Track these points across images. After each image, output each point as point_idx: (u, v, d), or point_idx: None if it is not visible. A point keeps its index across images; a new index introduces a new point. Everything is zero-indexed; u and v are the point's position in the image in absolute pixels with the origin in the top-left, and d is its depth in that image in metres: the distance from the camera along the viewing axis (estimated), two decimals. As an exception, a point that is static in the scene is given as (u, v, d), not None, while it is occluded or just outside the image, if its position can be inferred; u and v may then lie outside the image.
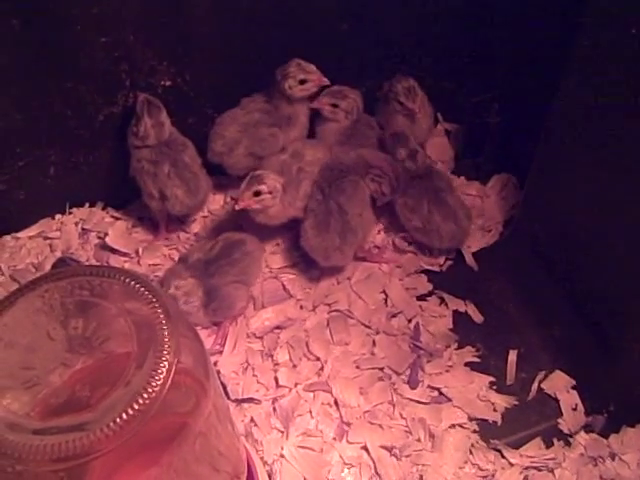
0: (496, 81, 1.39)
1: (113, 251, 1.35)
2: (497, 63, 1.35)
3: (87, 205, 1.42)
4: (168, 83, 1.30)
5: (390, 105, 1.39)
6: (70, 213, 1.41)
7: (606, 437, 1.11)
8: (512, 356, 1.21)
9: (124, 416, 0.59)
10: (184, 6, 1.21)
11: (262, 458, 1.09)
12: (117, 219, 1.41)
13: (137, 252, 1.35)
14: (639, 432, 1.10)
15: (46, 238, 1.38)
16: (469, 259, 1.35)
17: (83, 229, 1.39)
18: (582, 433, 1.12)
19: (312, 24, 1.30)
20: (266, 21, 1.27)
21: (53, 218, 1.40)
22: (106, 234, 1.36)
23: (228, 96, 1.34)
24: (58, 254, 1.34)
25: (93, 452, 0.58)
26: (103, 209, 1.43)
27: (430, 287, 1.31)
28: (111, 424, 0.58)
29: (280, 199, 1.25)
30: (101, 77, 1.24)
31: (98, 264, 1.31)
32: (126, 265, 1.33)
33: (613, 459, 1.08)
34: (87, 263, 1.31)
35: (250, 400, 1.16)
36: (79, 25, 1.15)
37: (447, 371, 1.19)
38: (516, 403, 1.16)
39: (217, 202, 1.42)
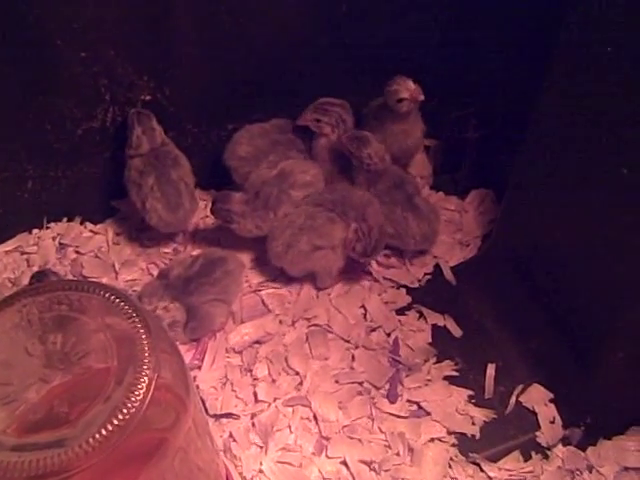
0: (474, 97, 1.40)
1: (91, 266, 1.34)
2: (476, 79, 1.36)
3: (65, 220, 1.41)
4: (148, 97, 1.30)
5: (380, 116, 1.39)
6: (48, 228, 1.40)
7: (583, 450, 1.11)
8: (490, 370, 1.21)
9: (103, 432, 0.58)
10: (164, 21, 1.22)
11: (241, 474, 1.08)
12: (95, 234, 1.40)
13: (114, 267, 1.34)
14: (616, 444, 1.11)
15: (23, 253, 1.37)
16: (447, 274, 1.36)
17: (61, 244, 1.38)
18: (560, 446, 1.12)
19: (294, 39, 1.31)
20: (247, 37, 1.28)
21: (30, 232, 1.39)
22: (84, 249, 1.36)
23: (208, 111, 1.35)
24: (35, 269, 1.32)
25: (72, 468, 0.57)
26: (81, 224, 1.42)
27: (409, 301, 1.31)
28: (90, 440, 0.58)
29: (248, 218, 1.28)
30: (80, 91, 1.24)
31: (76, 279, 1.31)
32: (104, 280, 1.33)
33: (590, 471, 1.09)
34: (65, 278, 1.30)
35: (229, 415, 1.15)
36: (59, 40, 1.15)
37: (426, 385, 1.19)
38: (495, 416, 1.16)
39: (197, 216, 1.42)
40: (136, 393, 0.61)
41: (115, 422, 0.59)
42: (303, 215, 1.27)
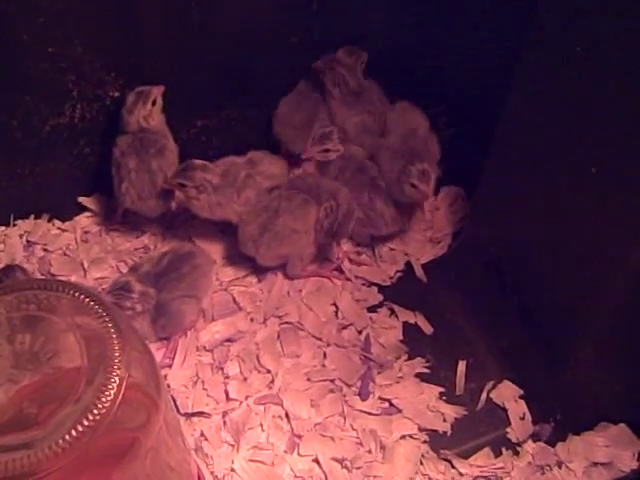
0: (445, 95, 1.41)
1: (59, 264, 1.32)
2: (446, 77, 1.37)
3: (32, 217, 1.39)
4: (116, 94, 1.28)
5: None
6: (14, 225, 1.38)
7: (553, 445, 1.12)
8: (461, 367, 1.22)
9: (73, 433, 0.58)
10: (133, 18, 1.20)
11: (212, 472, 1.08)
12: (63, 231, 1.39)
13: (83, 265, 1.33)
14: (585, 440, 1.12)
15: (-11, 250, 1.35)
16: (418, 271, 1.36)
17: (28, 241, 1.36)
18: (530, 442, 1.13)
19: (263, 34, 1.31)
20: (215, 33, 1.27)
21: (-3, 230, 1.37)
22: (52, 247, 1.34)
23: (176, 108, 1.33)
24: (1, 267, 1.30)
25: (41, 471, 0.57)
26: (49, 221, 1.40)
27: (380, 299, 1.31)
28: (60, 441, 0.57)
29: (210, 197, 1.27)
30: (48, 88, 1.22)
31: (44, 277, 1.29)
32: (72, 278, 1.31)
33: (560, 467, 1.10)
34: (33, 274, 1.29)
35: (200, 414, 1.14)
36: (25, 35, 1.14)
37: (397, 382, 1.20)
38: (465, 413, 1.17)
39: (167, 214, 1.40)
40: (107, 393, 0.60)
41: (85, 423, 0.58)
42: (278, 198, 1.27)
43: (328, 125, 1.36)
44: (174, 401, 1.14)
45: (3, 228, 1.38)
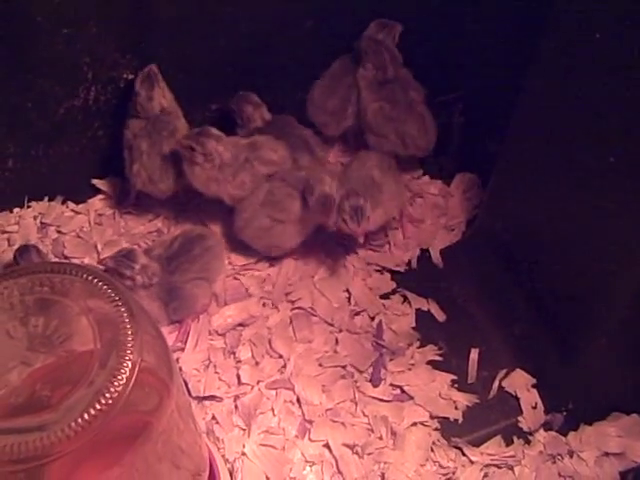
0: (461, 81, 1.40)
1: (72, 246, 1.33)
2: (462, 62, 1.36)
3: (46, 199, 1.40)
4: (131, 77, 1.28)
5: None
6: (29, 207, 1.38)
7: (565, 435, 1.12)
8: (474, 355, 1.21)
9: (86, 416, 0.58)
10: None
11: (224, 456, 1.08)
12: (77, 213, 1.39)
13: (96, 247, 1.33)
14: (597, 430, 1.12)
15: (4, 232, 1.35)
16: (435, 257, 1.35)
17: (42, 223, 1.36)
18: (541, 431, 1.13)
19: (274, 24, 1.31)
20: (231, 15, 1.27)
21: (11, 212, 1.38)
22: (66, 229, 1.35)
23: (191, 89, 1.33)
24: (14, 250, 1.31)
25: (53, 453, 0.57)
26: (63, 203, 1.40)
27: (393, 285, 1.31)
28: (72, 424, 0.57)
29: (213, 171, 1.26)
30: (62, 69, 1.22)
31: (58, 260, 1.29)
32: (86, 260, 1.32)
33: (571, 457, 1.10)
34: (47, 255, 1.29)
35: (212, 398, 1.15)
36: (40, 16, 1.13)
37: (409, 369, 1.19)
38: (477, 401, 1.17)
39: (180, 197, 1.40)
40: (119, 377, 0.60)
41: (98, 406, 0.58)
42: (264, 191, 1.27)
43: None
44: (186, 385, 1.14)
45: (17, 210, 1.38)
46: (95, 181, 1.40)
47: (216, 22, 1.27)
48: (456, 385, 1.18)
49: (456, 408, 1.16)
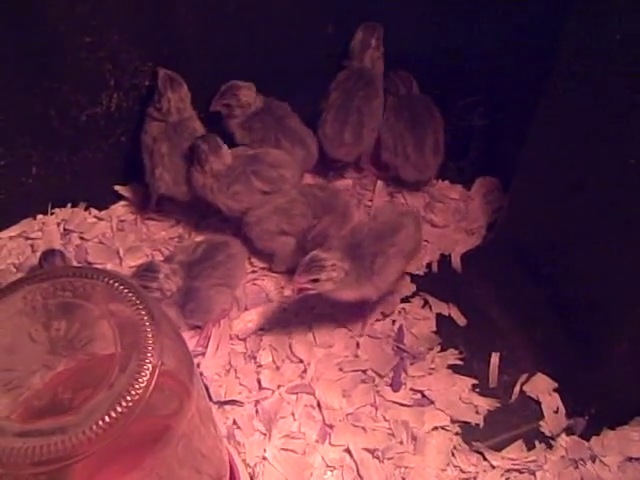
0: (481, 84, 1.40)
1: (95, 252, 1.34)
2: (483, 66, 1.35)
3: (69, 205, 1.41)
4: (152, 84, 1.29)
5: None
6: (52, 213, 1.40)
7: (587, 439, 1.11)
8: (495, 359, 1.21)
9: (107, 419, 0.58)
10: (169, 7, 1.21)
11: (244, 460, 1.08)
12: (100, 220, 1.40)
13: (119, 253, 1.34)
14: (619, 434, 1.11)
15: (27, 238, 1.37)
16: (455, 261, 1.35)
17: (65, 229, 1.38)
18: (563, 435, 1.12)
19: (296, 24, 1.31)
20: (250, 23, 1.27)
21: (35, 218, 1.39)
22: (88, 235, 1.36)
23: (211, 97, 1.34)
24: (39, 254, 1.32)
25: (75, 455, 0.57)
26: (85, 210, 1.42)
27: (414, 289, 1.31)
28: (93, 427, 0.58)
29: (208, 179, 1.28)
30: (85, 77, 1.23)
31: (80, 265, 1.30)
32: (108, 266, 1.33)
33: (594, 461, 1.09)
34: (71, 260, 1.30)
35: (233, 402, 1.15)
36: (63, 24, 1.15)
37: (430, 374, 1.19)
38: (498, 406, 1.16)
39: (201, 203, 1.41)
40: (140, 380, 0.61)
41: (119, 409, 0.59)
42: (284, 198, 1.28)
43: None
44: (207, 389, 1.15)
45: (41, 216, 1.39)
46: (117, 187, 1.42)
47: (236, 29, 1.27)
48: (477, 389, 1.18)
49: (477, 412, 1.15)
